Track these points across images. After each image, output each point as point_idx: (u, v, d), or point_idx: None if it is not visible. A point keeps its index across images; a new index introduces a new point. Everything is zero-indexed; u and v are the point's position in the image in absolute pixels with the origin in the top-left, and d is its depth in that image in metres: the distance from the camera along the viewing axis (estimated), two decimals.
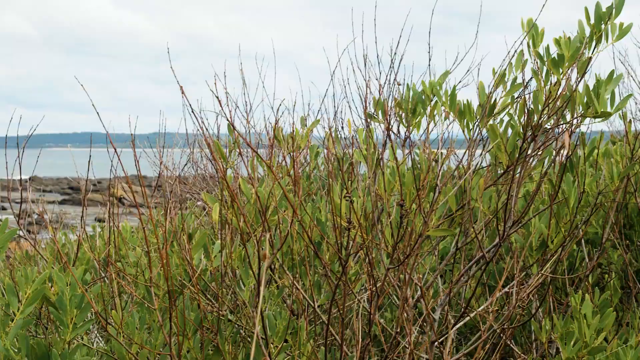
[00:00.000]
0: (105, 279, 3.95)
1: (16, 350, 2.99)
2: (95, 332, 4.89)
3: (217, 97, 3.45)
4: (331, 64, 4.67)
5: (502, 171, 4.05)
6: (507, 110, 4.06)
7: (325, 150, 4.78)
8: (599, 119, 3.87)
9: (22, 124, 4.00)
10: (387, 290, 3.78)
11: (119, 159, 3.42)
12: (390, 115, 4.20)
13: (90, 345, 3.65)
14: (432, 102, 4.21)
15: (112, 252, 3.85)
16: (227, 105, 3.82)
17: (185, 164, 6.93)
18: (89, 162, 3.66)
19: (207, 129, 3.89)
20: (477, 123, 4.08)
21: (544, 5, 3.91)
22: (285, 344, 3.62)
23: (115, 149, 3.39)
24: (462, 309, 3.93)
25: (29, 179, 4.51)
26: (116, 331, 3.45)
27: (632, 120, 7.35)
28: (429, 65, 4.45)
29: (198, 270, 3.63)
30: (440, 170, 3.91)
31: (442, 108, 4.18)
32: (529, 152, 4.01)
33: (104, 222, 7.68)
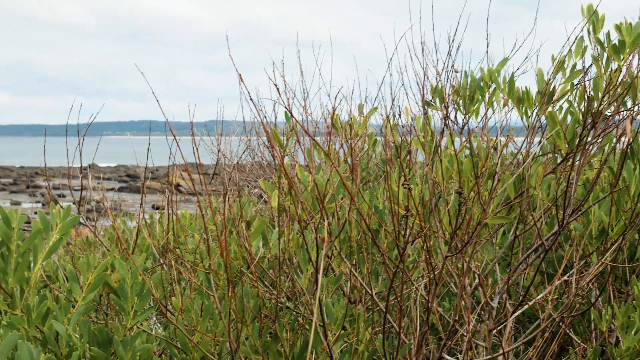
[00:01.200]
0: (164, 265, 3.98)
1: (78, 336, 3.03)
2: (154, 318, 4.95)
3: (275, 85, 3.46)
4: (388, 52, 4.65)
5: (561, 159, 4.01)
6: (566, 97, 4.02)
7: (383, 138, 4.77)
8: None
9: (81, 112, 4.05)
10: (445, 278, 3.76)
11: (178, 147, 3.45)
12: (448, 103, 4.18)
13: (149, 331, 3.69)
14: (491, 89, 4.18)
15: (171, 239, 3.89)
16: (285, 93, 3.84)
17: (244, 152, 6.96)
18: (148, 149, 3.69)
19: (265, 117, 3.90)
20: (535, 110, 4.04)
21: None
22: (343, 331, 3.63)
23: (174, 136, 3.41)
24: (521, 298, 3.90)
25: (88, 166, 4.57)
26: (176, 318, 3.48)
27: None
28: (487, 52, 4.42)
29: (256, 257, 3.65)
30: (498, 158, 3.88)
31: (501, 95, 4.14)
32: (589, 139, 3.96)
33: (162, 209, 7.75)
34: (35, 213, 3.19)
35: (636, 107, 3.86)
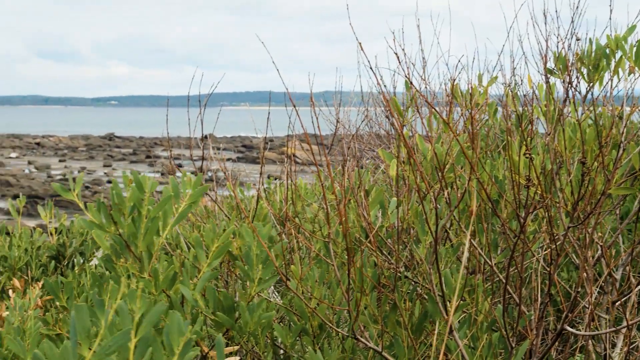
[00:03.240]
0: (284, 234, 4.03)
1: (203, 302, 3.10)
2: (272, 287, 5.02)
3: (396, 54, 3.45)
4: (508, 21, 4.57)
5: None
6: None
7: (503, 108, 4.71)
8: None
9: (196, 84, 4.10)
10: (567, 249, 3.71)
11: (298, 116, 3.47)
12: (571, 71, 4.09)
13: (269, 299, 3.74)
14: (617, 57, 4.07)
15: (290, 208, 3.93)
16: (405, 62, 3.82)
17: (362, 121, 6.96)
18: (267, 119, 3.73)
19: (384, 86, 3.89)
20: None
21: None
22: (462, 301, 3.62)
23: (294, 106, 3.44)
24: None
25: (205, 137, 4.65)
26: (295, 286, 3.52)
27: None
28: (610, 19, 4.30)
29: (375, 226, 3.66)
30: (624, 127, 3.78)
31: (627, 63, 4.04)
32: None
33: (278, 179, 7.83)
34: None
35: None
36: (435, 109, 3.45)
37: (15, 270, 5.54)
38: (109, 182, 44.88)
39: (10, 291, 4.16)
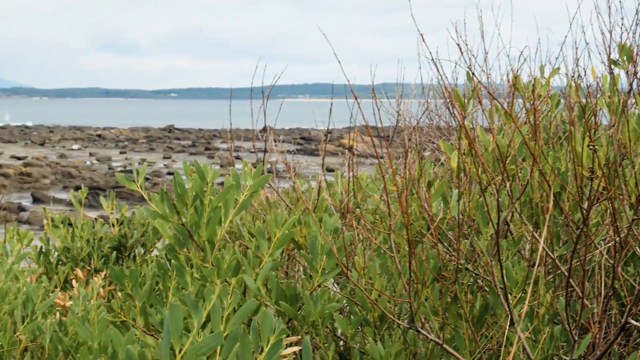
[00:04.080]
0: (344, 226, 4.04)
1: (266, 292, 3.12)
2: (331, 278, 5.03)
3: (458, 44, 3.43)
4: (570, 11, 4.52)
5: None
6: None
7: (565, 99, 4.66)
8: None
9: (256, 76, 4.12)
10: (631, 242, 3.66)
11: (359, 108, 3.48)
12: (635, 62, 4.04)
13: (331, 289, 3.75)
14: None
15: (351, 199, 3.93)
16: (466, 53, 3.80)
17: (423, 113, 6.94)
18: (330, 110, 3.74)
19: (445, 77, 3.88)
20: None
21: None
22: (523, 294, 3.59)
23: (355, 98, 3.44)
24: None
25: (265, 129, 4.67)
26: (356, 277, 3.53)
27: None
28: None
29: (436, 219, 3.65)
30: None
31: None
32: None
33: (337, 171, 7.83)
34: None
35: None
36: (497, 100, 3.43)
37: (77, 261, 5.63)
38: (169, 173, 45.29)
39: (73, 281, 4.24)
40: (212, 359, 1.99)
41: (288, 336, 3.48)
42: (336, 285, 4.86)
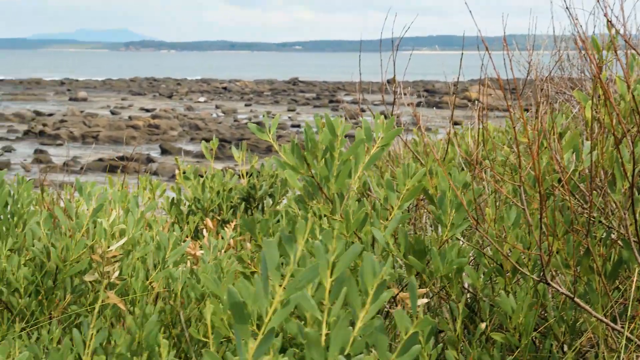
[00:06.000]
0: (474, 178, 4.00)
1: (394, 244, 3.13)
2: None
3: None
4: None
5: None
6: None
7: None
8: None
9: (377, 28, 4.09)
10: None
11: (490, 59, 3.43)
12: None
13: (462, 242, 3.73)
14: None
15: (480, 151, 3.89)
16: (602, 1, 3.68)
17: (556, 64, 6.79)
18: (460, 62, 3.69)
19: (580, 26, 3.77)
20: None
21: None
22: None
23: (487, 48, 3.39)
24: None
25: (389, 81, 4.65)
26: (485, 229, 3.50)
27: None
28: None
29: (568, 170, 3.58)
30: None
31: None
32: None
33: (462, 124, 7.76)
34: None
35: None
36: (635, 50, 3.32)
37: (207, 211, 5.75)
38: (293, 126, 45.67)
39: (203, 231, 4.33)
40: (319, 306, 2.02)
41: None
42: (462, 239, 4.84)
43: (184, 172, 5.82)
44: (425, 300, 3.04)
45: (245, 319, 1.85)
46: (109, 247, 3.62)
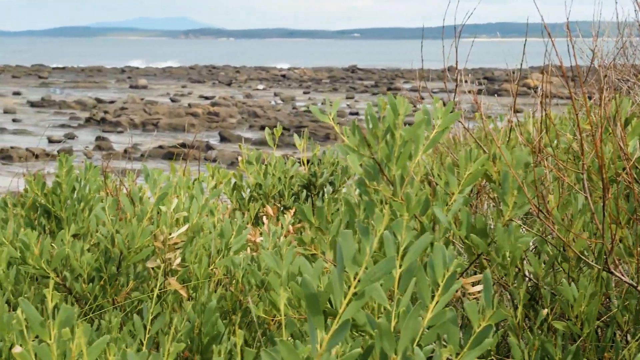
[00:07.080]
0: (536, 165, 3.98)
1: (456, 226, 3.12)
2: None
3: None
4: None
5: None
6: None
7: None
8: None
9: (437, 15, 4.08)
10: None
11: (554, 46, 3.40)
12: None
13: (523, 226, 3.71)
14: None
15: (543, 137, 3.87)
16: None
17: (618, 51, 6.70)
18: (523, 49, 3.67)
19: None
20: None
21: None
22: None
23: (550, 36, 3.37)
24: None
25: (448, 69, 4.63)
26: (547, 216, 3.47)
27: None
28: None
29: (633, 158, 3.54)
30: None
31: None
32: None
33: (519, 112, 7.70)
34: None
35: None
36: None
37: (268, 197, 5.79)
38: (352, 113, 45.62)
39: (263, 218, 4.36)
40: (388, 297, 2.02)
41: (475, 274, 3.48)
42: (522, 225, 4.81)
43: (247, 158, 5.87)
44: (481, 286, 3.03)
45: (319, 310, 1.86)
46: (170, 235, 3.67)
